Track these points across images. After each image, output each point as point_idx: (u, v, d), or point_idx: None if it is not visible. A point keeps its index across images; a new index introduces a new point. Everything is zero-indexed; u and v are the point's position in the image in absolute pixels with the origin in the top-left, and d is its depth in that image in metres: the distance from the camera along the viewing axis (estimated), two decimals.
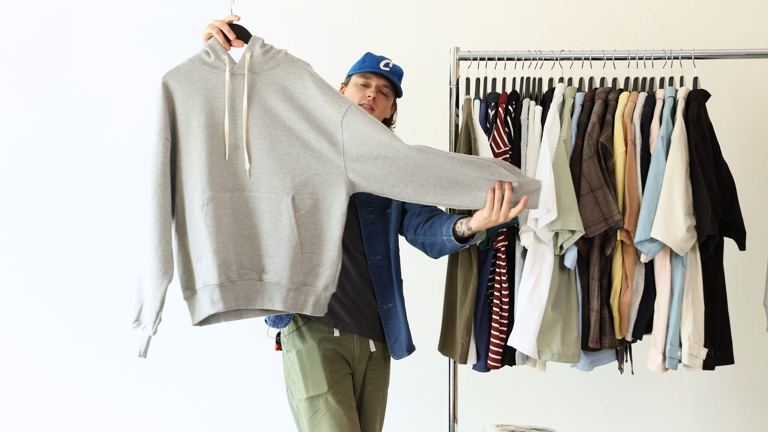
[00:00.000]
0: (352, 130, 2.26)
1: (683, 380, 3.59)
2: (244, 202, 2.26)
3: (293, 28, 3.67)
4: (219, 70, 2.26)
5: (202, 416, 3.71)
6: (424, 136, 3.57)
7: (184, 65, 2.27)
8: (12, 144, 3.69)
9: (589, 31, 3.60)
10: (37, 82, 3.69)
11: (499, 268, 2.67)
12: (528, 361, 2.69)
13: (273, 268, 2.26)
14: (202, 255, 2.22)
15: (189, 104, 2.24)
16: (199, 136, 2.23)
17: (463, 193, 2.28)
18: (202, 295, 2.24)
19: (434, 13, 3.67)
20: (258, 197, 2.26)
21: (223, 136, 2.24)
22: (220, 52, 2.28)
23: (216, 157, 2.23)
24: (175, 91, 2.24)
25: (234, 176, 2.25)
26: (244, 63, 2.28)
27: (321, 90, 2.27)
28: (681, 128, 2.58)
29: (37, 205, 3.69)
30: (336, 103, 2.26)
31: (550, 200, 2.53)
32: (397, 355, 2.59)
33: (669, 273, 2.60)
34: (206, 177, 2.21)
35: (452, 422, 2.87)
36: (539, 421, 3.34)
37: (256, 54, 2.29)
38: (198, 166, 2.22)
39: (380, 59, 2.57)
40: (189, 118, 2.24)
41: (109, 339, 3.68)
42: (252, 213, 2.27)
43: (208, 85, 2.25)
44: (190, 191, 2.23)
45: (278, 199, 2.25)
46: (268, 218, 2.25)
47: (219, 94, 2.25)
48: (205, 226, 2.20)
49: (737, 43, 3.41)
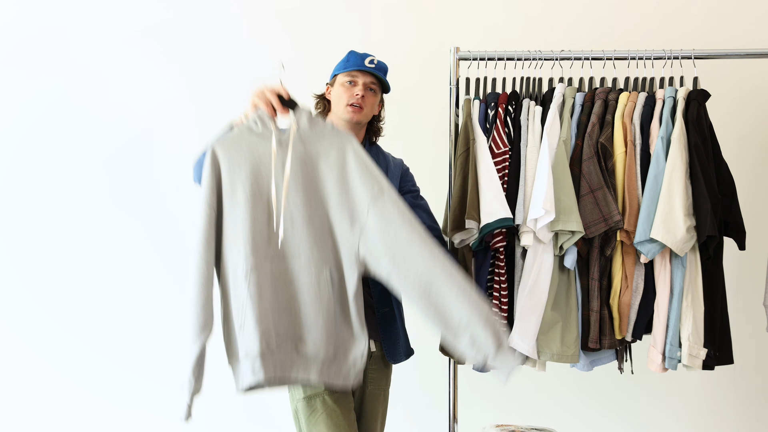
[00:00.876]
0: (377, 217, 2.24)
1: (683, 380, 3.59)
2: (284, 271, 2.27)
3: (290, 29, 3.67)
4: (265, 139, 2.28)
5: (202, 416, 3.71)
6: (424, 136, 3.59)
7: (233, 134, 2.29)
8: (12, 144, 3.69)
9: (589, 31, 3.60)
10: (35, 83, 3.69)
11: (498, 269, 2.66)
12: (527, 361, 2.69)
13: (311, 339, 2.27)
14: (245, 323, 2.23)
15: (235, 172, 2.25)
16: (244, 204, 2.24)
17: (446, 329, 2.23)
18: (245, 364, 2.25)
19: (434, 13, 3.67)
20: (298, 268, 2.26)
21: (267, 205, 2.26)
22: (267, 121, 2.29)
23: (259, 226, 2.24)
24: (222, 159, 2.26)
25: (276, 245, 2.26)
26: (290, 133, 2.28)
27: (359, 167, 2.27)
28: (681, 128, 2.58)
29: (36, 205, 3.69)
30: (370, 185, 2.25)
31: (549, 201, 2.53)
32: (395, 360, 2.59)
33: (669, 273, 2.60)
34: (250, 245, 2.22)
35: (452, 422, 2.87)
36: (539, 421, 3.34)
37: (303, 125, 2.30)
38: (242, 234, 2.23)
39: (364, 56, 2.55)
40: (235, 187, 2.25)
41: (109, 339, 3.68)
42: (291, 283, 2.27)
43: (255, 153, 2.27)
44: (234, 259, 2.24)
45: (318, 270, 2.26)
46: (307, 289, 2.26)
47: (264, 163, 2.26)
48: (248, 294, 2.21)
49: (737, 43, 3.41)
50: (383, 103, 2.66)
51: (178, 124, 3.68)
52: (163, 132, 3.68)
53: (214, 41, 3.68)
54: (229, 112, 3.63)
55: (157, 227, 3.68)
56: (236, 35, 3.69)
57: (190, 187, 3.63)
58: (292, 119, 2.30)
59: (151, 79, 3.69)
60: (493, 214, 2.55)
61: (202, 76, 3.68)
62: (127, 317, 3.69)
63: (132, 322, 3.69)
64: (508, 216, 2.56)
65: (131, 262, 3.70)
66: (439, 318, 2.20)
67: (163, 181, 3.68)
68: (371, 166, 2.28)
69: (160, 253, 3.69)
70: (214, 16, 3.69)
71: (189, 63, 3.68)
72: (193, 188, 3.64)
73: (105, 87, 3.68)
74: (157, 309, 3.68)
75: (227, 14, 3.70)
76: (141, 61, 3.68)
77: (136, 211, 3.69)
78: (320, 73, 2.88)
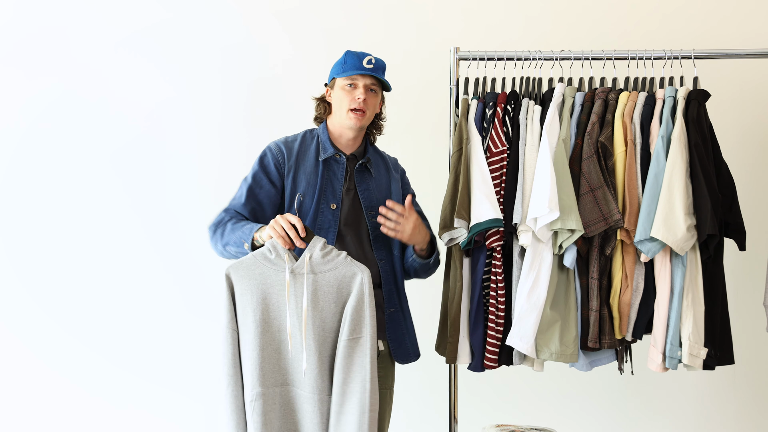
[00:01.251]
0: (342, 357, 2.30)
1: (683, 380, 3.59)
2: (291, 398, 2.34)
3: (290, 29, 3.67)
4: (279, 268, 2.33)
5: (201, 416, 3.71)
6: (424, 136, 3.59)
7: (247, 259, 2.35)
8: (12, 144, 3.69)
9: (589, 31, 3.60)
10: (34, 83, 3.69)
11: (495, 268, 2.66)
12: (526, 360, 2.69)
13: None
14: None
15: (246, 298, 2.32)
16: (254, 330, 2.30)
17: None
18: None
19: (434, 13, 3.67)
20: (303, 396, 2.32)
21: (277, 333, 2.32)
22: (281, 251, 2.33)
23: (267, 353, 2.31)
24: (236, 284, 2.34)
25: (285, 372, 2.33)
26: (303, 264, 2.32)
27: (357, 304, 2.32)
28: (681, 128, 2.58)
29: (36, 205, 3.69)
30: (355, 326, 2.30)
31: (553, 200, 2.52)
32: (402, 360, 2.59)
33: (669, 272, 2.60)
34: (258, 372, 2.29)
35: (452, 422, 2.87)
36: (539, 421, 3.34)
37: (316, 255, 2.34)
38: (250, 360, 2.30)
39: (362, 57, 2.51)
40: (246, 312, 2.32)
41: (109, 339, 3.68)
42: (296, 410, 2.34)
43: (267, 281, 2.33)
44: (246, 383, 2.32)
45: (321, 400, 2.31)
46: (309, 418, 2.32)
47: (275, 291, 2.32)
48: (252, 421, 2.29)
49: (737, 43, 3.41)
50: (384, 100, 2.64)
51: (177, 124, 3.68)
52: (162, 132, 3.68)
53: (213, 41, 3.68)
54: (229, 112, 3.67)
55: (157, 227, 3.68)
56: (236, 35, 3.69)
57: (188, 188, 3.67)
58: (306, 249, 2.35)
59: (151, 80, 3.69)
60: (483, 215, 2.55)
61: (201, 76, 3.68)
62: (127, 317, 3.69)
63: (132, 322, 3.69)
64: (498, 217, 2.56)
65: (131, 263, 3.69)
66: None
67: (163, 181, 3.68)
68: (366, 307, 2.32)
69: (159, 253, 3.69)
70: (213, 16, 3.69)
71: (188, 63, 3.68)
72: (192, 189, 3.67)
73: (104, 87, 3.68)
74: (158, 309, 3.68)
75: (226, 14, 3.70)
76: (140, 62, 3.68)
77: (136, 211, 3.69)
78: (320, 73, 2.88)
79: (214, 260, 3.63)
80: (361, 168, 2.57)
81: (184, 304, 3.69)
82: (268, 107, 3.66)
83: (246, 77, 3.67)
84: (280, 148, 2.56)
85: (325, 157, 2.53)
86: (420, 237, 2.51)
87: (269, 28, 3.69)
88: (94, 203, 3.68)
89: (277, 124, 3.39)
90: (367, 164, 2.58)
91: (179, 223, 3.66)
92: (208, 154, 3.67)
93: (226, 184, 3.61)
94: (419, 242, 2.52)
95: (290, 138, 2.61)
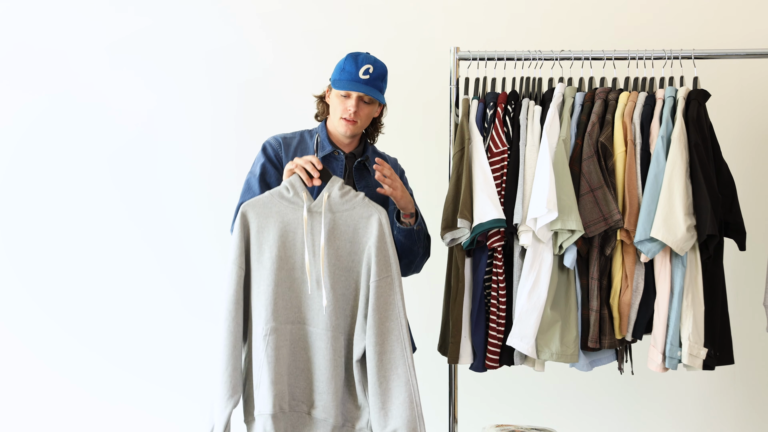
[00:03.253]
0: (375, 298, 2.32)
1: (683, 380, 3.59)
2: (303, 335, 2.36)
3: (290, 28, 3.67)
4: (296, 206, 2.35)
5: (199, 415, 3.71)
6: (425, 136, 3.59)
7: (264, 197, 2.36)
8: (12, 145, 3.69)
9: (589, 31, 3.60)
10: (32, 84, 3.69)
11: (496, 268, 2.67)
12: (526, 360, 2.69)
13: (321, 404, 2.35)
14: (260, 383, 2.31)
15: (263, 235, 2.33)
16: (269, 267, 2.32)
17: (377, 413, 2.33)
18: (258, 423, 2.33)
19: (434, 13, 3.67)
20: (316, 333, 2.35)
21: (292, 270, 2.34)
22: (299, 189, 2.35)
23: (282, 290, 2.33)
24: (252, 222, 2.34)
25: (297, 309, 2.35)
26: (321, 202, 2.35)
27: (378, 245, 2.34)
28: (681, 128, 2.58)
29: (36, 205, 3.69)
30: (382, 266, 2.33)
31: (552, 201, 2.52)
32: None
33: (669, 273, 2.60)
34: (271, 308, 2.31)
35: (452, 422, 2.87)
36: (539, 421, 3.34)
37: (334, 195, 2.36)
38: (264, 296, 2.31)
39: (360, 65, 2.48)
40: (262, 249, 2.33)
41: (109, 339, 3.68)
42: (309, 347, 2.36)
43: (284, 218, 2.34)
44: (257, 320, 2.33)
45: (334, 337, 2.34)
46: (322, 355, 2.33)
47: (292, 229, 2.34)
48: (265, 356, 2.30)
49: (737, 43, 3.41)
50: (385, 105, 2.61)
51: (167, 130, 3.68)
52: (154, 138, 3.68)
53: (202, 44, 3.67)
54: (220, 116, 3.66)
55: (155, 228, 3.68)
56: (225, 37, 3.69)
57: (185, 191, 3.67)
58: (324, 188, 2.37)
59: (139, 86, 3.69)
60: (485, 215, 2.55)
61: (192, 79, 3.68)
62: (126, 317, 3.69)
63: (132, 322, 3.69)
64: (501, 217, 2.56)
65: (130, 263, 3.69)
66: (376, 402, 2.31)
67: (158, 184, 3.67)
68: (389, 247, 2.35)
69: (154, 251, 3.68)
70: (201, 19, 3.69)
71: (176, 68, 3.67)
72: (191, 190, 3.66)
73: (93, 95, 3.67)
74: (157, 309, 3.68)
75: (215, 17, 3.69)
76: (128, 69, 3.67)
77: (134, 212, 3.69)
78: (323, 73, 2.88)
79: (211, 260, 3.66)
80: (359, 166, 2.57)
81: (180, 302, 3.69)
82: (260, 108, 3.66)
83: (236, 78, 3.67)
84: (278, 141, 2.59)
85: (323, 155, 2.54)
86: (407, 199, 2.49)
87: (269, 28, 3.69)
88: (91, 205, 3.68)
89: (269, 124, 3.39)
90: (365, 162, 2.58)
91: (175, 224, 3.67)
92: (201, 155, 3.68)
93: (218, 184, 3.64)
94: (407, 205, 2.49)
95: (288, 135, 2.62)
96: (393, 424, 2.30)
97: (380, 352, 2.30)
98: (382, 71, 2.52)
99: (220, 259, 3.64)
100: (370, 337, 2.30)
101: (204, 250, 3.67)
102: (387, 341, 2.30)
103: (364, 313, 2.34)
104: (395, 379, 2.30)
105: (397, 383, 2.30)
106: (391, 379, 2.30)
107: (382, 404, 2.30)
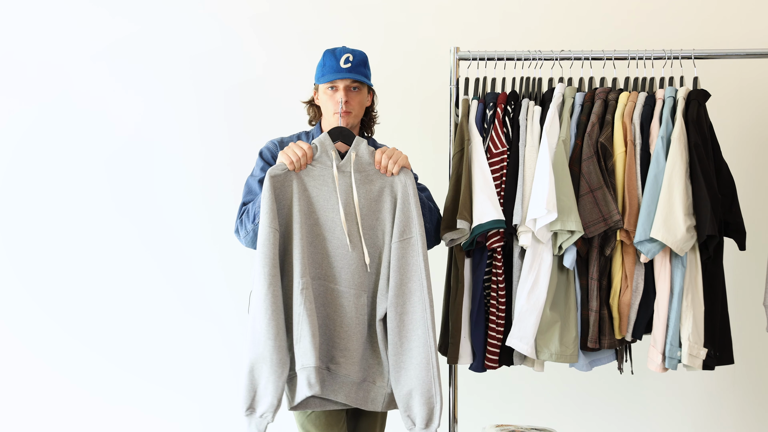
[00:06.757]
0: (396, 258, 2.35)
1: (683, 380, 3.59)
2: (326, 293, 2.39)
3: (289, 28, 3.67)
4: (324, 165, 2.38)
5: (200, 416, 3.71)
6: (425, 136, 3.59)
7: None
8: (11, 145, 3.69)
9: (589, 31, 3.60)
10: (23, 91, 3.69)
11: (496, 269, 2.66)
12: (526, 361, 2.69)
13: (343, 361, 2.36)
14: (301, 337, 2.30)
15: (290, 194, 2.37)
16: (300, 222, 2.35)
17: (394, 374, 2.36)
18: (301, 377, 2.31)
19: (434, 13, 3.67)
20: (339, 291, 2.37)
21: (317, 227, 2.37)
22: (328, 147, 2.38)
23: (309, 247, 2.36)
24: (278, 183, 2.35)
25: (322, 266, 2.38)
26: (350, 161, 2.38)
27: (403, 206, 2.37)
28: (681, 128, 2.58)
29: (36, 205, 3.69)
30: (405, 226, 2.36)
31: (551, 201, 2.52)
32: None
33: (669, 273, 2.60)
34: (300, 266, 2.33)
35: (452, 422, 2.87)
36: (539, 421, 3.34)
37: (361, 153, 2.40)
38: (297, 251, 2.34)
39: (339, 56, 2.52)
40: (291, 206, 2.36)
41: (109, 339, 3.68)
42: (330, 304, 2.38)
43: (310, 174, 2.37)
44: (293, 275, 2.34)
45: (357, 295, 2.36)
46: (345, 312, 2.36)
47: (318, 185, 2.37)
48: (304, 309, 2.31)
49: (737, 43, 3.41)
50: (373, 91, 2.65)
51: (162, 133, 3.68)
52: (148, 142, 3.67)
53: (194, 48, 3.67)
54: (209, 119, 3.66)
55: (152, 230, 3.68)
56: (228, 40, 3.69)
57: (182, 191, 3.67)
58: (351, 148, 2.40)
59: (132, 91, 3.69)
60: (485, 215, 2.56)
61: (182, 84, 3.67)
62: (126, 317, 3.69)
63: (131, 322, 3.69)
64: (501, 218, 2.56)
65: (127, 263, 3.69)
66: (394, 362, 2.33)
67: (154, 186, 3.67)
68: (412, 208, 2.37)
69: (154, 254, 3.69)
70: (192, 23, 3.69)
71: (168, 72, 3.67)
72: (189, 191, 3.66)
73: (86, 101, 3.67)
74: (156, 309, 3.68)
75: (207, 20, 3.69)
76: (121, 73, 3.66)
77: (133, 213, 3.69)
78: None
79: (209, 260, 3.66)
80: None
81: (178, 302, 3.69)
82: (253, 110, 3.65)
83: (229, 81, 3.66)
84: (275, 144, 2.61)
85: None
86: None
87: (268, 28, 3.69)
88: (94, 204, 3.68)
89: (263, 127, 3.40)
90: None
91: (171, 225, 3.67)
92: (195, 158, 3.68)
93: (212, 185, 3.64)
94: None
95: (285, 138, 2.64)
96: (409, 384, 2.32)
97: (401, 312, 2.33)
98: (362, 57, 2.57)
99: (216, 258, 3.65)
100: (391, 298, 2.33)
101: (200, 248, 3.68)
102: (408, 302, 2.33)
103: (387, 273, 2.37)
104: (414, 340, 2.32)
105: (416, 344, 2.32)
106: (410, 339, 2.33)
107: (400, 365, 2.33)
